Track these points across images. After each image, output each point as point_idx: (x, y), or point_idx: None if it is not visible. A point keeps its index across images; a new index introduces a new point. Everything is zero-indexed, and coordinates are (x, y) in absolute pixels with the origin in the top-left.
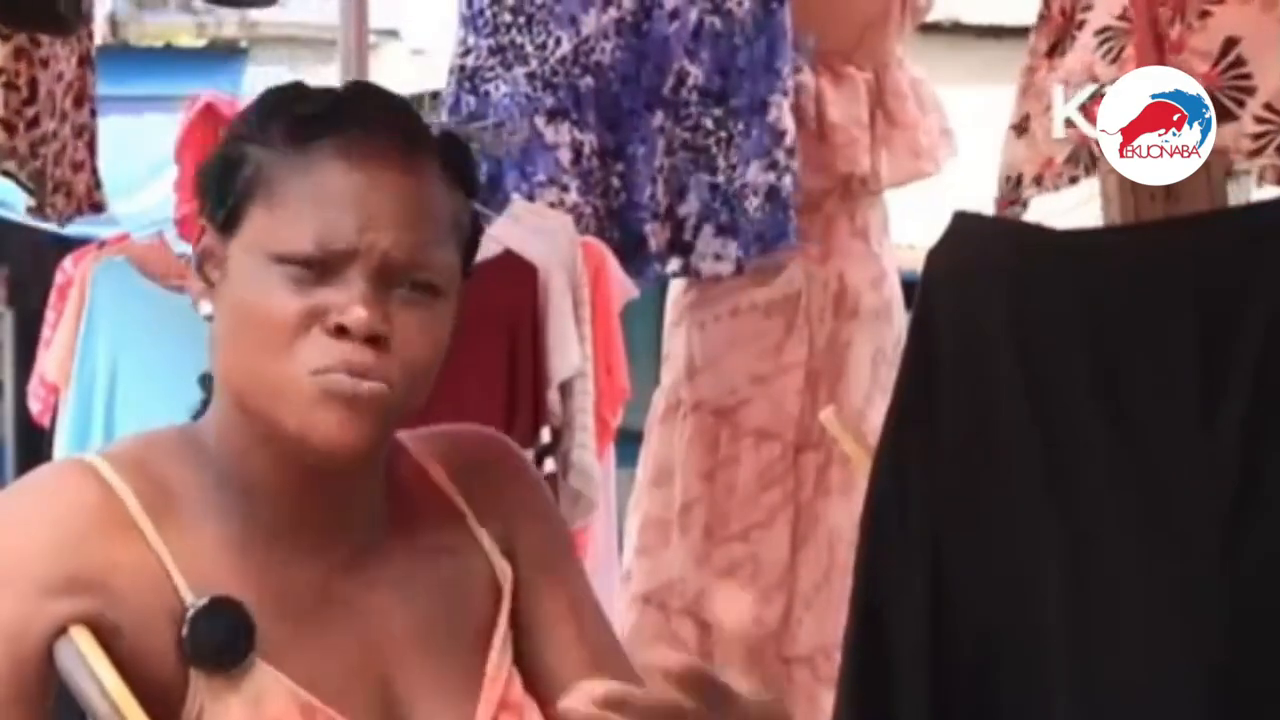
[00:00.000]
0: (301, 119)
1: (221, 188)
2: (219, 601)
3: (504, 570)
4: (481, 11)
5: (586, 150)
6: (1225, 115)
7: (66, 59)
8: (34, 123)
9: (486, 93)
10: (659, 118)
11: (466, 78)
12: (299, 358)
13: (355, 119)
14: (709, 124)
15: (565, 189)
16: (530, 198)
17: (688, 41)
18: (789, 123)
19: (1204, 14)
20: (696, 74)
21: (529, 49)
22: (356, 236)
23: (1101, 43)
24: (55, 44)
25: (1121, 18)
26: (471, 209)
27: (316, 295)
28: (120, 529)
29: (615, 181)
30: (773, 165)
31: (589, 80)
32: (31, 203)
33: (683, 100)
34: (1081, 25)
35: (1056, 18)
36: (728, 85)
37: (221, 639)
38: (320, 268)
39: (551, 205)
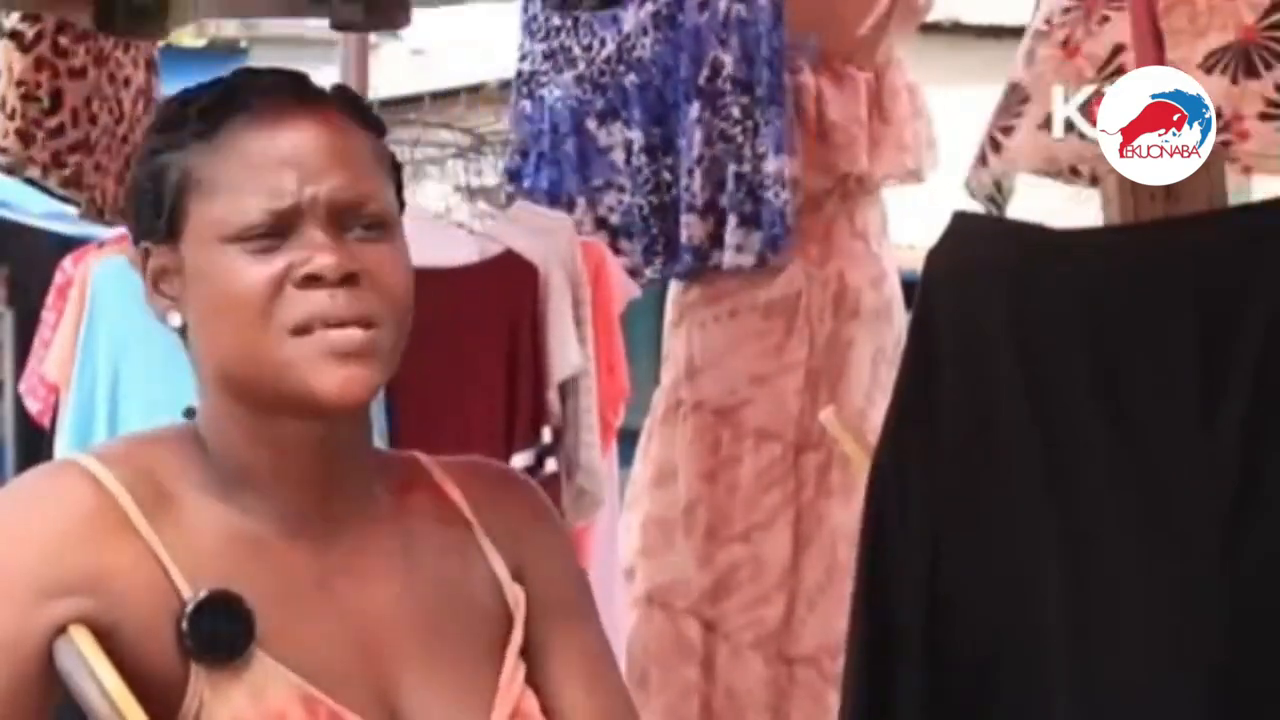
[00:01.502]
0: (201, 112)
1: (153, 202)
2: (218, 595)
3: (516, 594)
4: (535, 16)
5: (635, 148)
6: (1251, 72)
7: (133, 64)
8: (57, 132)
9: (541, 97)
10: (696, 109)
11: (523, 83)
12: (276, 320)
13: (251, 93)
14: (737, 113)
15: (622, 190)
16: (591, 203)
17: (719, 30)
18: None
19: None
20: (729, 63)
21: (577, 51)
22: (297, 190)
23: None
24: (108, 51)
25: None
26: (385, 147)
27: (277, 259)
28: (115, 528)
29: (666, 176)
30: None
31: (633, 77)
32: (79, 209)
33: (718, 90)
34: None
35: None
36: (753, 74)
37: (221, 632)
38: (272, 233)
39: (611, 209)
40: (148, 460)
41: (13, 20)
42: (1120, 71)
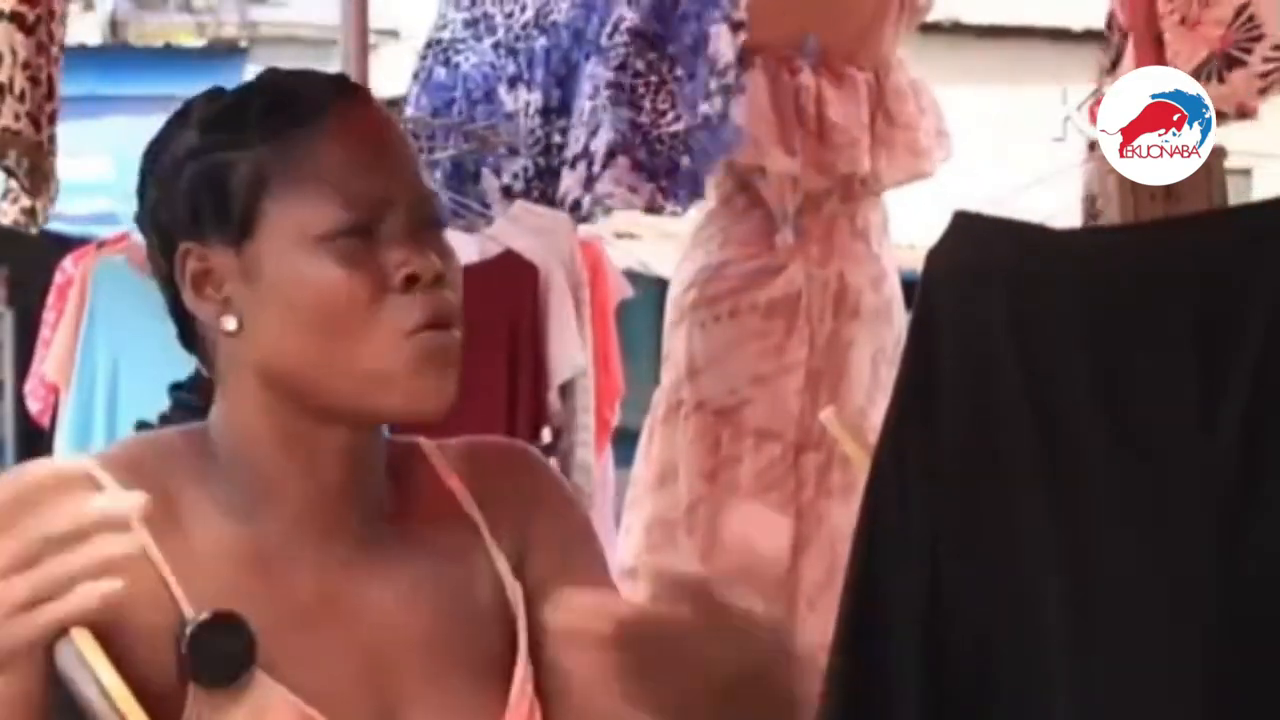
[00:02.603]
0: (268, 112)
1: (217, 203)
2: (220, 615)
3: (515, 593)
4: None
5: (531, 110)
6: (1236, 64)
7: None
8: (53, 118)
9: (457, 64)
10: (591, 64)
11: (441, 50)
12: (387, 324)
13: (314, 92)
14: (640, 66)
15: (516, 152)
16: (496, 172)
17: None
18: (729, 53)
19: None
20: (632, 18)
21: (499, 19)
22: (385, 189)
23: None
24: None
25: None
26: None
27: (371, 262)
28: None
29: (557, 138)
30: (707, 95)
31: (543, 40)
32: (21, 209)
33: (614, 44)
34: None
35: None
36: (666, 31)
37: (222, 653)
38: (363, 233)
39: (516, 176)
40: (153, 468)
41: (12, 2)
42: (1252, 21)
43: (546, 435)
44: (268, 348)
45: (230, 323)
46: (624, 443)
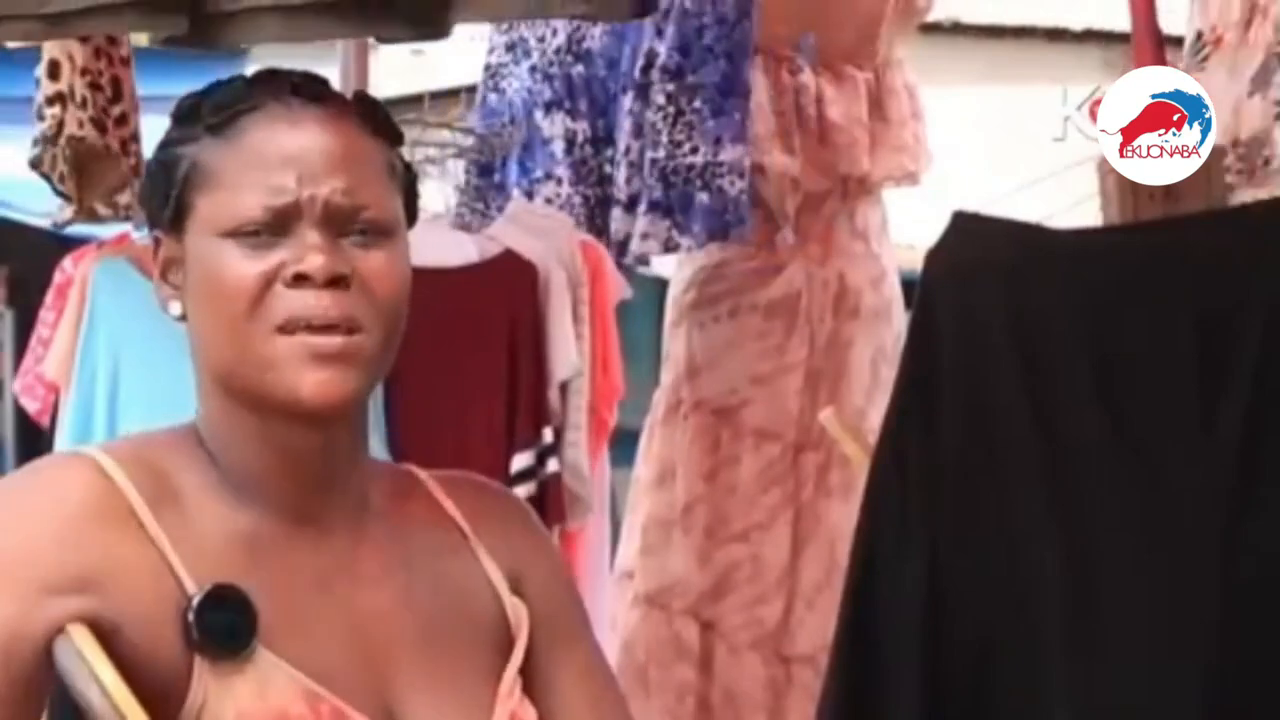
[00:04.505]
0: (218, 107)
1: (163, 192)
2: (222, 588)
3: (516, 607)
4: None
5: (579, 139)
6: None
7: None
8: (122, 120)
9: (503, 90)
10: (629, 101)
11: (490, 76)
12: (263, 317)
13: (265, 92)
14: (660, 100)
15: (560, 181)
16: (529, 195)
17: (659, 20)
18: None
19: None
20: (661, 52)
21: (532, 43)
22: (296, 190)
23: None
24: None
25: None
26: (400, 156)
27: (272, 256)
28: (121, 522)
29: (608, 169)
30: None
31: (580, 68)
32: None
33: (649, 81)
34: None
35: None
36: (686, 63)
37: (225, 625)
38: (270, 230)
39: (548, 200)
40: (154, 457)
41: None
42: None
43: (547, 435)
44: (201, 338)
45: (175, 308)
46: (624, 443)
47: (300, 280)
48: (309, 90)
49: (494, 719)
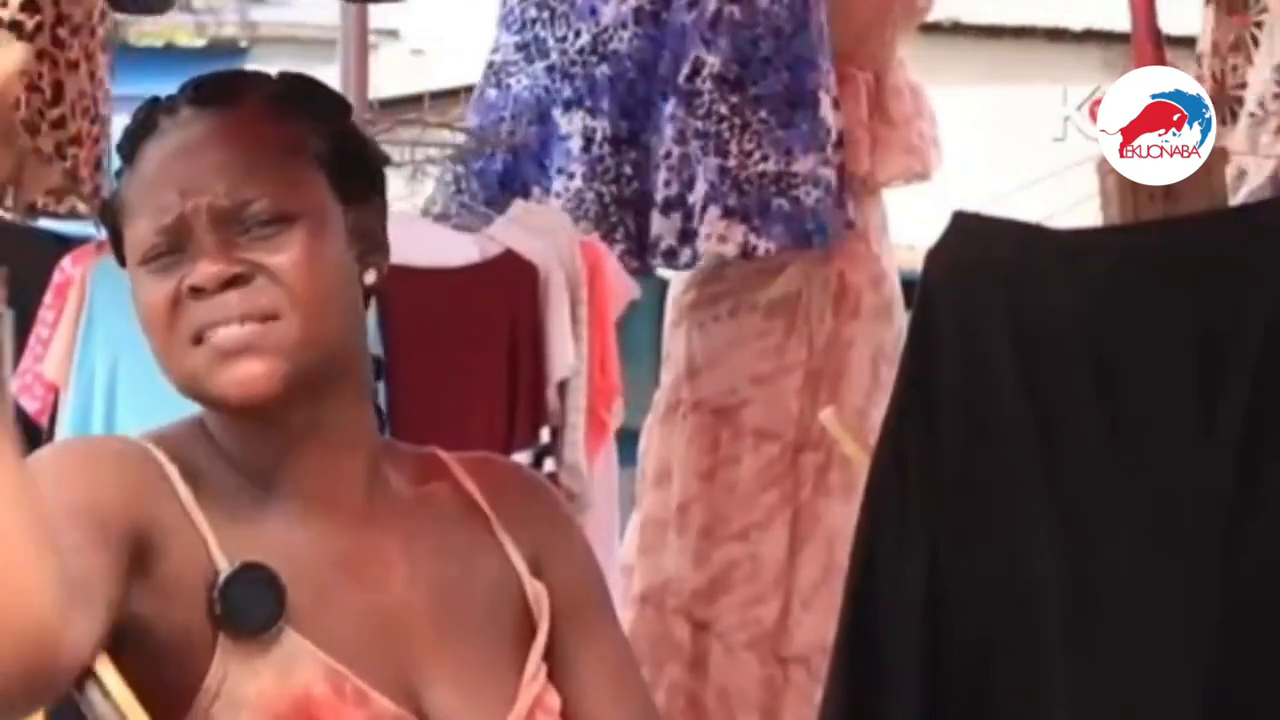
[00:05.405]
0: (126, 136)
1: (111, 230)
2: (251, 566)
3: (537, 590)
4: (512, 10)
5: (598, 137)
6: None
7: (105, 66)
8: (59, 124)
9: (508, 86)
10: (671, 105)
11: (493, 73)
12: (180, 333)
13: (162, 111)
14: (723, 110)
15: (571, 176)
16: (545, 190)
17: (705, 30)
18: (831, 118)
19: None
20: (713, 62)
21: (550, 43)
22: (180, 204)
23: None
24: (92, 49)
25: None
26: (329, 131)
27: (175, 274)
28: (168, 495)
29: (628, 169)
30: (825, 161)
31: (605, 68)
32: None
33: (696, 89)
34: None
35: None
36: (746, 74)
37: (253, 603)
38: (169, 250)
39: (558, 195)
40: (177, 444)
41: (12, 10)
42: None
43: (545, 435)
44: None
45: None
46: (625, 443)
47: (197, 292)
48: (208, 94)
49: (518, 704)
